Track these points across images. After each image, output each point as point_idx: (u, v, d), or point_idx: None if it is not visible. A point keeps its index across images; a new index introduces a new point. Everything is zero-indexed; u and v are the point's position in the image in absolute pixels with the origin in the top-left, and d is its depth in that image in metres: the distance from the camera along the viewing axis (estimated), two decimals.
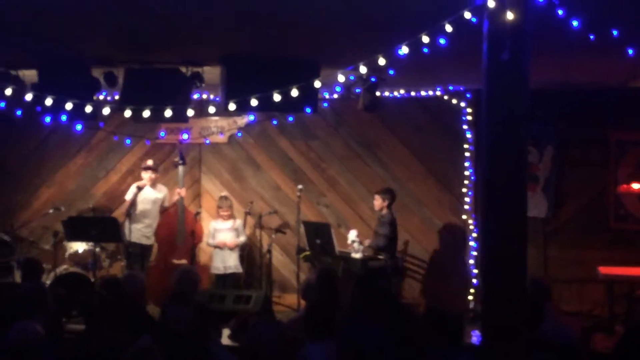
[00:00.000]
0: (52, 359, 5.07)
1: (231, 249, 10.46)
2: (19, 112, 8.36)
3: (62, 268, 9.97)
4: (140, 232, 10.29)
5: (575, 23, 5.27)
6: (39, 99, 7.66)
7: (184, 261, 10.29)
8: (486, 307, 4.90)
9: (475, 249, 10.61)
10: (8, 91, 7.61)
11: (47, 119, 8.27)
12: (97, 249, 9.94)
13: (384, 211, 10.12)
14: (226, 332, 7.06)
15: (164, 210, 10.59)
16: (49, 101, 7.63)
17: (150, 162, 10.48)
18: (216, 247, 10.51)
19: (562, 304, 9.75)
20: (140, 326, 6.00)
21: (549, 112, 10.27)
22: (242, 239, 10.63)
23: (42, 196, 11.51)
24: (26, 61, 8.25)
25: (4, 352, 4.91)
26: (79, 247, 10.19)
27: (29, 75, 8.38)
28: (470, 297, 10.66)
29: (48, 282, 9.54)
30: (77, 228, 9.63)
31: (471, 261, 10.74)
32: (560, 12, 5.16)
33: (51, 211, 10.68)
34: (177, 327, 5.71)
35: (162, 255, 10.56)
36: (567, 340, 5.79)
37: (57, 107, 7.71)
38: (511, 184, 4.78)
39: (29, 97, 7.67)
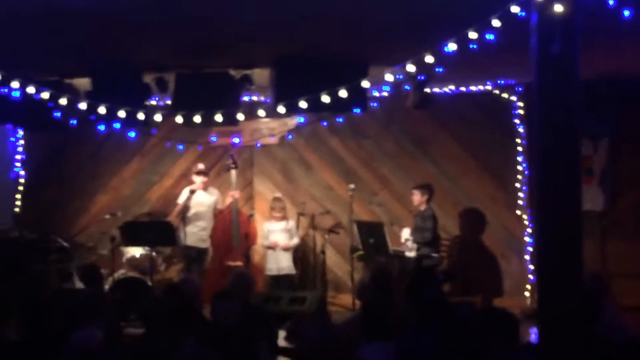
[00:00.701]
0: None
1: (285, 250, 10.50)
2: (73, 121, 8.50)
3: (120, 273, 10.11)
4: (195, 235, 10.39)
5: (627, 13, 5.18)
6: (92, 108, 7.79)
7: (239, 263, 10.37)
8: (543, 304, 4.84)
9: (531, 245, 10.48)
10: (63, 100, 7.74)
11: (101, 127, 8.42)
12: (154, 253, 10.05)
13: (424, 206, 10.09)
14: (282, 334, 7.09)
15: (217, 213, 10.69)
16: (102, 110, 7.75)
17: (201, 166, 10.58)
18: (269, 248, 10.56)
19: (621, 298, 9.57)
20: (197, 329, 6.07)
21: (603, 103, 10.08)
22: (295, 241, 10.65)
23: (98, 202, 11.71)
24: (79, 70, 8.40)
25: (66, 357, 5.01)
26: (136, 251, 10.32)
27: (82, 83, 8.53)
28: (527, 294, 10.58)
29: (106, 287, 9.68)
30: (133, 233, 9.75)
31: (527, 257, 10.62)
32: (611, 2, 5.07)
33: (108, 217, 10.85)
34: (223, 321, 5.76)
35: (218, 258, 10.66)
36: (627, 336, 5.68)
37: (111, 115, 7.83)
38: (565, 178, 4.72)
39: (83, 106, 7.81)
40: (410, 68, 6.43)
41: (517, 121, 10.72)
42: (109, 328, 5.95)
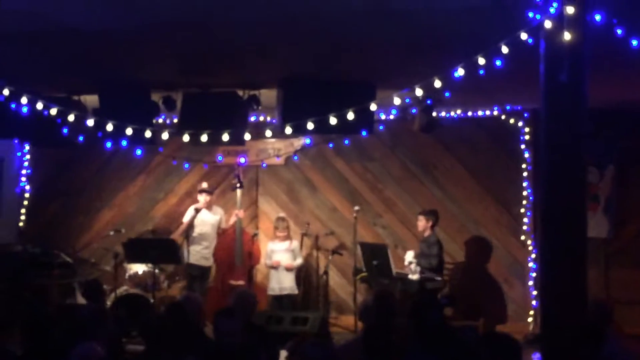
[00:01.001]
0: None
1: (287, 270, 10.49)
2: (80, 138, 8.54)
3: (123, 289, 10.10)
4: (199, 254, 10.41)
5: (635, 42, 5.20)
6: (100, 125, 7.82)
7: (241, 282, 10.37)
8: (546, 329, 4.83)
9: (535, 270, 10.46)
10: (71, 117, 7.78)
11: (108, 144, 8.45)
12: (157, 270, 10.06)
13: (428, 232, 10.08)
14: (283, 353, 7.07)
15: (222, 232, 10.70)
16: (109, 127, 7.79)
17: (205, 185, 10.61)
18: (272, 267, 10.55)
19: (625, 326, 9.53)
20: (198, 347, 6.05)
21: (609, 131, 10.10)
22: (299, 261, 10.64)
23: (102, 218, 11.73)
24: (88, 87, 8.45)
25: None
26: (139, 268, 10.33)
27: (90, 100, 8.58)
28: (530, 320, 10.54)
29: (109, 302, 9.68)
30: (136, 250, 9.76)
31: (530, 282, 10.60)
32: (619, 31, 5.10)
33: (112, 233, 10.86)
34: (226, 339, 5.75)
35: (220, 277, 10.66)
36: None
37: (118, 132, 7.86)
38: (570, 205, 4.72)
39: (90, 122, 7.84)
40: (418, 92, 6.45)
41: (523, 146, 10.73)
42: (111, 344, 5.94)
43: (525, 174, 10.71)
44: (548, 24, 4.68)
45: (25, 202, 11.62)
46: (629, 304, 9.78)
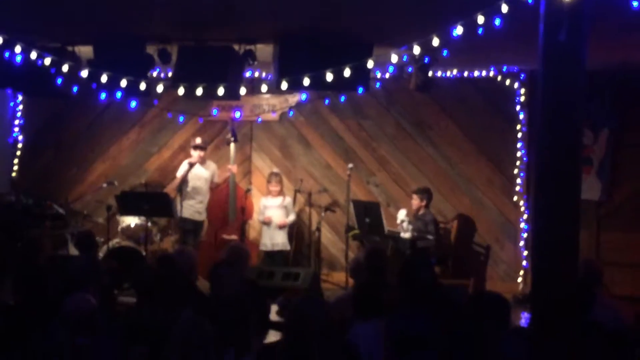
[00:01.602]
0: (105, 330, 5.17)
1: (280, 227, 10.52)
2: (75, 89, 8.49)
3: (115, 242, 10.14)
4: (192, 208, 10.42)
5: (635, 4, 5.16)
6: (94, 76, 7.77)
7: (234, 237, 10.41)
8: (536, 290, 4.86)
9: (526, 231, 10.52)
10: (65, 67, 7.72)
11: (102, 96, 8.40)
12: (149, 224, 10.08)
13: (422, 210, 10.11)
14: (274, 308, 7.13)
15: (215, 187, 10.70)
16: (104, 78, 7.74)
17: (198, 140, 10.58)
18: (264, 223, 10.58)
19: (614, 288, 9.61)
20: (190, 300, 6.09)
21: (605, 94, 10.08)
22: (292, 217, 10.67)
23: (96, 171, 11.72)
24: (82, 37, 8.37)
25: (60, 322, 5.03)
26: (131, 221, 10.35)
27: (85, 51, 8.50)
28: (519, 280, 10.63)
29: (101, 254, 9.71)
30: (129, 203, 9.77)
31: (521, 243, 10.66)
32: None
33: (105, 185, 10.86)
34: (223, 291, 5.79)
35: (213, 231, 10.70)
36: (618, 325, 5.71)
37: (112, 84, 7.82)
38: (565, 166, 4.72)
39: (84, 73, 7.79)
40: (416, 50, 6.41)
41: (518, 108, 10.71)
42: (103, 295, 5.97)
43: (519, 135, 10.70)
44: None
45: (18, 153, 11.58)
46: (619, 266, 9.85)
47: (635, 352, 4.86)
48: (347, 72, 7.02)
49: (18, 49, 7.34)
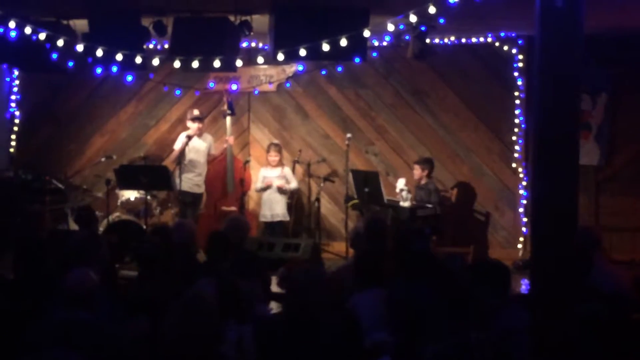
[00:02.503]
0: (107, 304, 5.18)
1: (280, 191, 10.45)
2: (70, 63, 8.45)
3: (115, 215, 10.15)
4: (191, 181, 10.41)
5: None
6: (90, 50, 7.73)
7: (233, 208, 10.43)
8: (535, 256, 4.87)
9: (525, 198, 10.53)
10: (60, 42, 7.68)
11: (98, 70, 8.37)
12: (148, 197, 10.08)
13: (424, 180, 10.11)
14: (275, 279, 7.16)
15: (212, 159, 10.70)
16: (99, 52, 7.70)
17: (196, 112, 10.55)
18: (263, 190, 10.56)
19: (613, 252, 9.64)
20: (191, 273, 6.11)
21: (603, 59, 10.03)
22: (294, 185, 10.65)
23: (94, 145, 11.69)
24: (77, 11, 8.31)
25: (61, 297, 5.04)
26: (131, 195, 10.34)
27: (80, 25, 8.45)
28: (519, 246, 10.66)
29: (101, 229, 9.72)
30: (128, 176, 9.76)
31: (521, 210, 10.68)
32: None
33: (103, 159, 10.84)
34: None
35: (212, 203, 10.72)
36: (616, 289, 5.74)
37: (108, 58, 7.79)
38: (563, 132, 4.71)
39: (80, 48, 7.75)
40: (412, 18, 6.37)
41: (516, 74, 10.67)
42: (104, 270, 5.98)
43: (517, 101, 10.67)
44: None
45: (15, 128, 11.56)
46: (618, 231, 9.88)
47: (633, 316, 4.89)
48: (343, 42, 6.99)
49: (12, 24, 7.30)
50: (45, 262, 5.97)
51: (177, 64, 7.98)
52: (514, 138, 10.76)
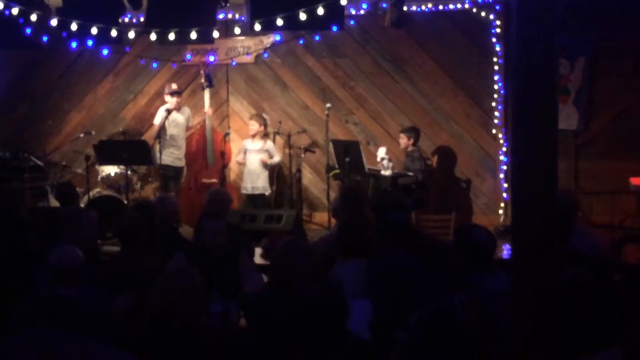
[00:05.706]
0: (91, 280, 5.18)
1: (264, 165, 10.42)
2: (45, 38, 8.36)
3: (95, 191, 10.11)
4: (172, 155, 10.37)
5: None
6: (64, 24, 7.64)
7: (214, 180, 10.42)
8: (516, 221, 4.89)
9: (505, 163, 10.58)
10: (33, 17, 7.59)
11: (74, 44, 8.28)
12: (129, 172, 10.03)
13: (410, 148, 10.13)
14: (258, 251, 7.18)
15: (188, 131, 10.66)
16: (74, 26, 7.62)
17: (174, 86, 10.48)
18: (241, 164, 10.55)
19: (593, 216, 9.75)
20: (173, 247, 6.11)
21: (580, 23, 10.03)
22: (277, 158, 10.59)
23: (72, 121, 11.62)
24: None
25: (44, 273, 5.04)
26: (111, 170, 10.29)
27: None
28: (500, 212, 10.72)
29: (82, 205, 9.68)
30: (108, 152, 9.71)
31: (501, 175, 10.73)
32: None
33: (82, 135, 10.78)
34: (212, 240, 5.82)
35: (192, 175, 10.71)
36: (596, 252, 5.80)
37: (83, 32, 7.71)
38: (541, 97, 4.71)
39: (54, 22, 7.66)
40: None
41: (494, 40, 10.66)
42: (87, 246, 5.96)
43: (496, 67, 10.67)
44: None
45: None
46: (597, 194, 9.97)
47: (612, 278, 4.94)
48: (320, 11, 6.96)
49: None
50: (28, 239, 5.95)
51: (153, 36, 7.91)
52: (493, 104, 10.77)
